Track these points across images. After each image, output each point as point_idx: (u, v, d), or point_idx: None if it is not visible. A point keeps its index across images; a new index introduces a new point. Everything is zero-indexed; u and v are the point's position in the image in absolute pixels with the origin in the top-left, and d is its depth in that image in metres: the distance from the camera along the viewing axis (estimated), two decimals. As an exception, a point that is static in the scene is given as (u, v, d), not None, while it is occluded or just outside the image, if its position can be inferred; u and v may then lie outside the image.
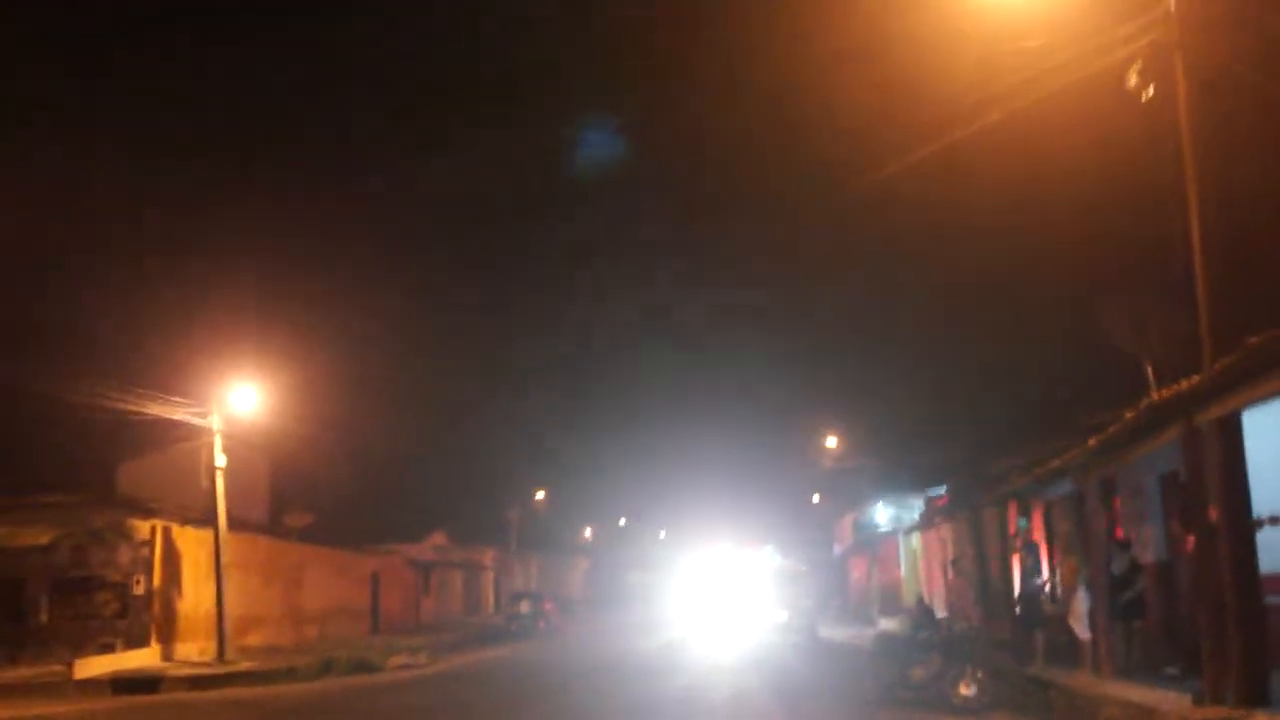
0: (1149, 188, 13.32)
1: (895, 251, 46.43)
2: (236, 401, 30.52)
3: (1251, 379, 10.87)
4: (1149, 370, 15.44)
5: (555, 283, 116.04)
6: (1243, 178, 12.37)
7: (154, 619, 29.80)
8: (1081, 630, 16.99)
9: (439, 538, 60.97)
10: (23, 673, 26.13)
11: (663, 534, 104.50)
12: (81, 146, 55.19)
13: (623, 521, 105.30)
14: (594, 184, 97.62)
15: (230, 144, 74.51)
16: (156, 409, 28.66)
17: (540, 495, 76.51)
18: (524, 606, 54.46)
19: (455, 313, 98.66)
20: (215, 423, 29.85)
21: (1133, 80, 12.65)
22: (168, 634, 30.13)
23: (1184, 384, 12.02)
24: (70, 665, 25.55)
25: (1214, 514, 12.07)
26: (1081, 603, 17.11)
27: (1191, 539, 13.34)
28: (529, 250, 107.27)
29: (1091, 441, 15.95)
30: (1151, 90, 12.51)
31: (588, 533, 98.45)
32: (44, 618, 29.93)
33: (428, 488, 59.52)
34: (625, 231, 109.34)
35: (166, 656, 29.44)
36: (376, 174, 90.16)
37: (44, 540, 30.04)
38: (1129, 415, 14.10)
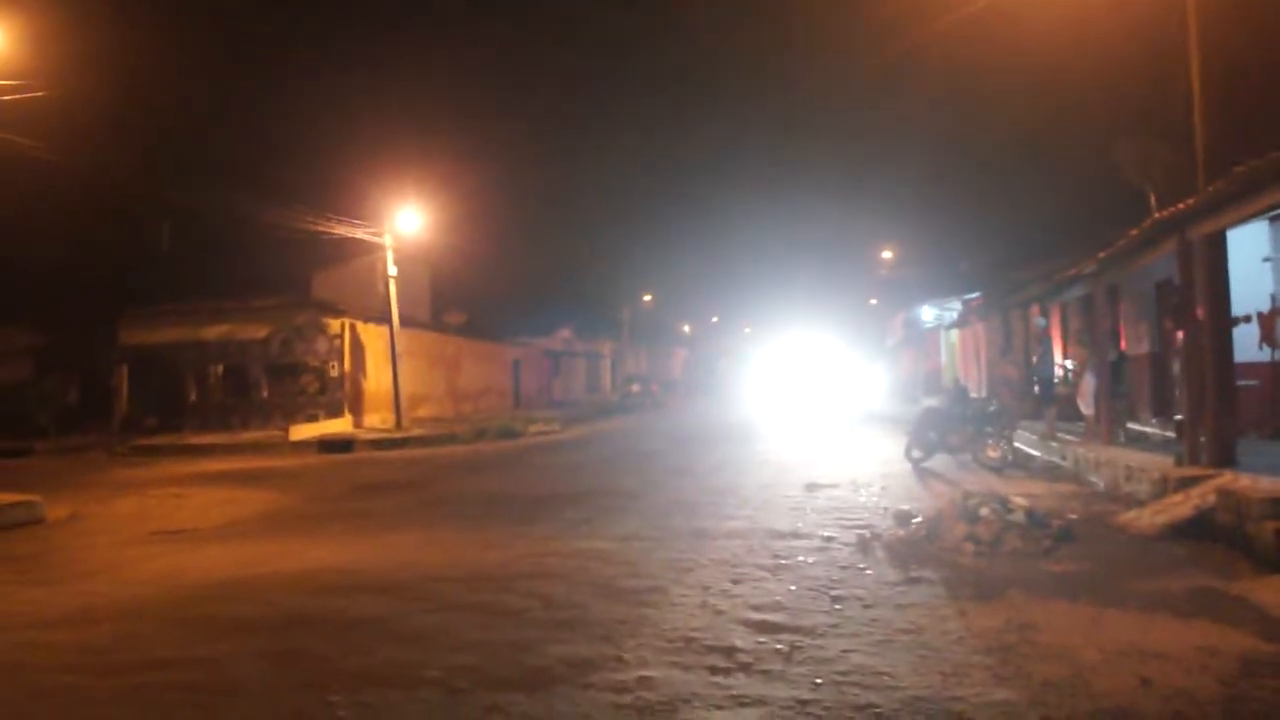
0: (1159, 45, 12.87)
1: (948, 93, 45.19)
2: (404, 223, 31.08)
3: (1236, 201, 10.69)
4: (1152, 198, 15.10)
5: (662, 120, 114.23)
6: (1237, 34, 11.91)
7: (346, 396, 31.00)
8: (1086, 407, 17.04)
9: (566, 332, 61.72)
10: (251, 435, 27.56)
11: (747, 330, 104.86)
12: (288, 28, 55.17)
13: (715, 319, 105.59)
14: (687, 21, 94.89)
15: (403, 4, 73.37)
16: (342, 229, 29.30)
17: (648, 297, 76.83)
18: (635, 387, 55.40)
19: (579, 143, 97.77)
20: (388, 240, 30.47)
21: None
22: (357, 407, 31.33)
23: (1180, 205, 11.83)
24: (285, 430, 26.89)
25: (1200, 313, 12.01)
26: (1089, 385, 17.11)
27: (1181, 334, 13.28)
28: (639, 93, 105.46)
29: (1101, 253, 15.76)
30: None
31: (686, 328, 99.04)
32: (264, 394, 31.34)
33: (557, 290, 60.07)
34: (715, 63, 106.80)
35: (357, 424, 30.66)
36: (513, 30, 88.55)
37: (261, 335, 31.23)
38: (1134, 231, 13.90)
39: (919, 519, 10.28)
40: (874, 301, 67.43)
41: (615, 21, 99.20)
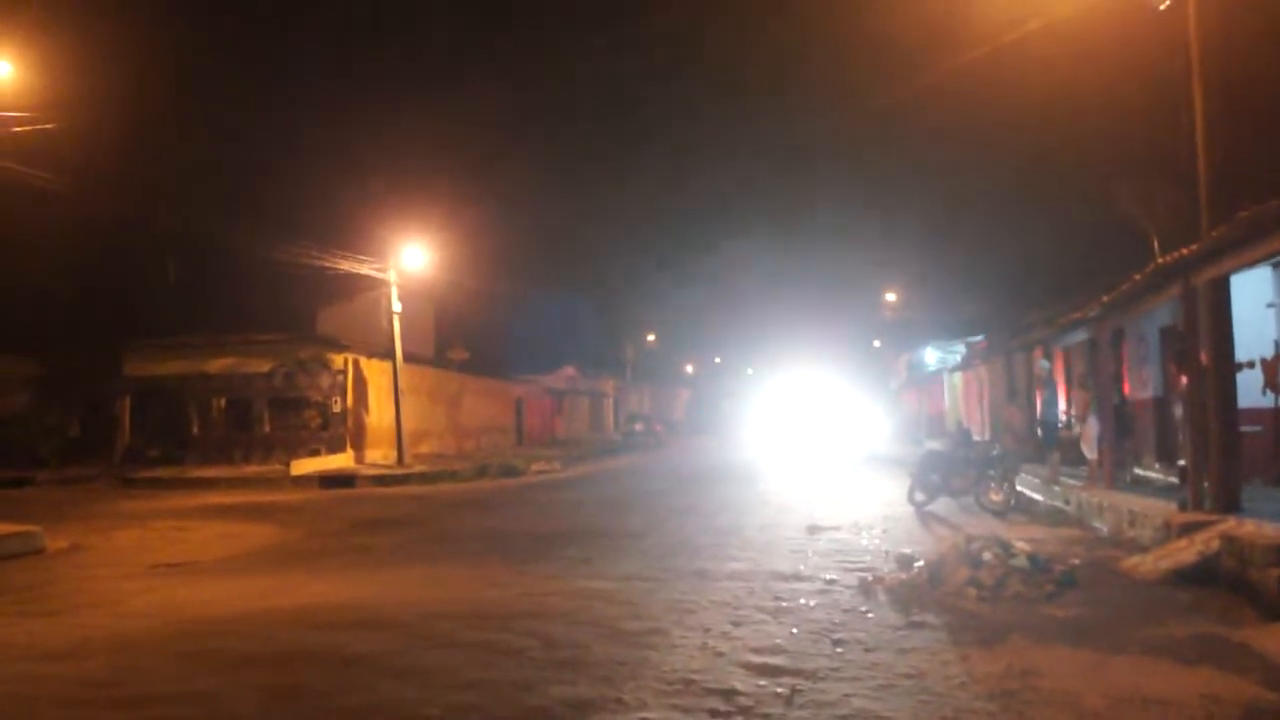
0: (1162, 88, 12.96)
1: (953, 136, 45.50)
2: (409, 259, 31.23)
3: (1240, 246, 10.73)
4: (1154, 242, 15.14)
5: (666, 162, 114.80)
6: (1241, 76, 12.00)
7: (348, 431, 30.98)
8: (1090, 451, 17.02)
9: (570, 370, 61.73)
10: (253, 470, 27.52)
11: (750, 370, 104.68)
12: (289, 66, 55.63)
13: (718, 359, 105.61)
14: (691, 64, 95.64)
15: (408, 43, 74.10)
16: (347, 265, 29.47)
17: (651, 337, 76.94)
18: (638, 426, 55.40)
19: (585, 183, 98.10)
20: (392, 276, 30.61)
21: (1151, -8, 12.29)
22: (359, 442, 31.30)
23: (1184, 250, 11.87)
24: (287, 465, 26.84)
25: (1204, 359, 12.03)
26: (1092, 429, 17.10)
27: (1184, 379, 13.30)
28: (645, 134, 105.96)
29: (1105, 298, 15.80)
30: (1166, 1, 12.14)
31: (689, 368, 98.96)
32: (266, 429, 31.31)
33: (561, 329, 60.22)
34: (721, 106, 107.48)
35: (359, 460, 30.61)
36: (518, 70, 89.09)
37: (264, 369, 31.27)
38: (1137, 276, 13.95)
39: (921, 563, 10.25)
40: (878, 344, 67.61)
41: (621, 62, 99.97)
